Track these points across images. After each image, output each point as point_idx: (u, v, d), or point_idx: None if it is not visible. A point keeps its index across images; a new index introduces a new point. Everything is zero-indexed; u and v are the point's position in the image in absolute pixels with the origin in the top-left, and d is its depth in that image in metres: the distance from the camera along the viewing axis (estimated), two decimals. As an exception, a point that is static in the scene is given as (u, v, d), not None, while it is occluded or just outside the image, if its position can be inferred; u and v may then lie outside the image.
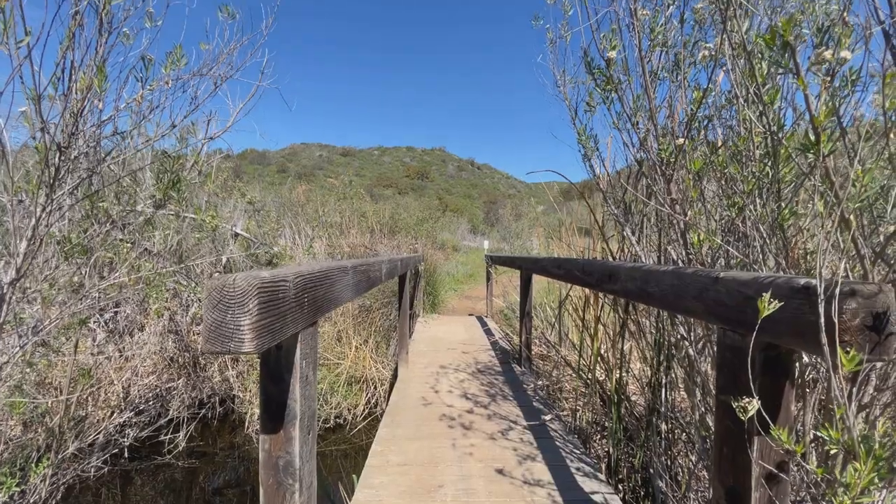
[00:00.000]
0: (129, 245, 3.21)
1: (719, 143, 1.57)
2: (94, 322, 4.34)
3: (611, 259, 2.28)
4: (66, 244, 1.90)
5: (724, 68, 1.44)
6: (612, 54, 1.33)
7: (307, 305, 1.05)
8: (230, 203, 5.79)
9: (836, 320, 0.70)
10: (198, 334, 4.99)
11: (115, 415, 3.81)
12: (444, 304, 8.40)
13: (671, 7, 1.33)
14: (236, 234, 5.40)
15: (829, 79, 0.73)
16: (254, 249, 5.31)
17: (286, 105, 2.61)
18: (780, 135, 0.99)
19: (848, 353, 0.76)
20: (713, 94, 1.28)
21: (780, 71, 0.77)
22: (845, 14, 0.72)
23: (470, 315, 7.53)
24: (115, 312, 4.58)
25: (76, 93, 1.27)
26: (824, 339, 0.74)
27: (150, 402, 4.23)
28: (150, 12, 1.31)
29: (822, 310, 0.70)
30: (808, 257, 1.38)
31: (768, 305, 0.73)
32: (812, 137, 0.74)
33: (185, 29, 1.53)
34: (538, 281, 4.74)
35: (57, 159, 1.28)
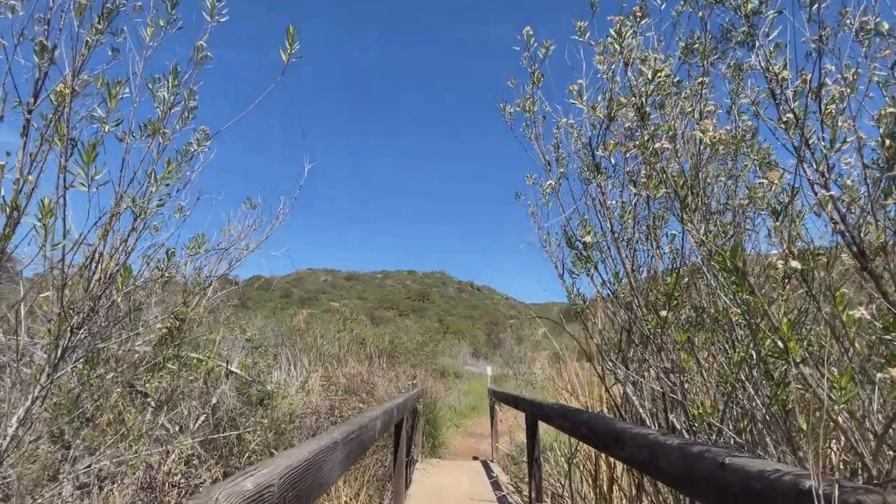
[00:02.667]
0: (118, 391, 3.12)
1: (704, 305, 1.64)
2: (65, 475, 3.98)
3: (617, 414, 2.20)
4: (58, 409, 1.85)
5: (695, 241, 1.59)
6: (588, 238, 1.49)
7: (292, 505, 0.98)
8: (229, 339, 5.77)
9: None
10: (174, 486, 4.54)
11: None
12: (445, 445, 7.77)
13: (637, 197, 1.53)
14: (230, 372, 5.25)
15: (784, 292, 0.81)
16: (247, 388, 5.12)
17: (292, 262, 2.80)
18: (757, 320, 1.05)
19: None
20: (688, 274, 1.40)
21: (738, 293, 0.87)
22: (789, 250, 0.84)
23: (474, 459, 6.92)
24: (89, 465, 4.23)
25: (101, 277, 1.38)
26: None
27: (105, 579, 3.66)
28: (182, 205, 1.51)
29: (830, 540, 0.67)
30: (819, 413, 1.33)
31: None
32: (780, 345, 0.79)
33: (210, 216, 1.75)
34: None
35: (67, 340, 1.34)
